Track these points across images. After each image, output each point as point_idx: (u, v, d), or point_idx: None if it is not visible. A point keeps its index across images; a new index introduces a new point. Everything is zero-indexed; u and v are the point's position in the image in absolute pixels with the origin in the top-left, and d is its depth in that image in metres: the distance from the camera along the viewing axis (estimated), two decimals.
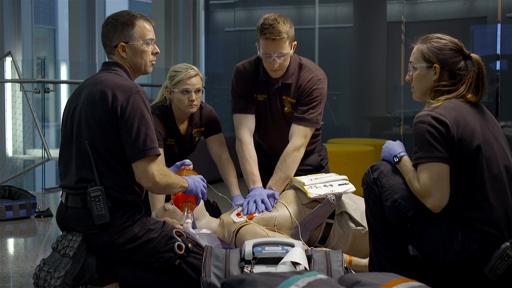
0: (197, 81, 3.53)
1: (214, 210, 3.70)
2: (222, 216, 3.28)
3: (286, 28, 3.32)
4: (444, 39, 2.63)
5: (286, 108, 3.53)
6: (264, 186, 3.42)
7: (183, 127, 3.68)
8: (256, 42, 3.43)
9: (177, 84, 3.51)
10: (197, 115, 3.70)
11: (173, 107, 3.61)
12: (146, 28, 2.80)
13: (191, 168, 3.04)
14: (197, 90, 3.53)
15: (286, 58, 3.39)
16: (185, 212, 2.95)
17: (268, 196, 3.27)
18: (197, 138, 3.78)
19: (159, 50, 2.86)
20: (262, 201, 3.23)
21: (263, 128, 3.68)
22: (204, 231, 3.12)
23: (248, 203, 3.24)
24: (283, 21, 3.33)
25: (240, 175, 3.59)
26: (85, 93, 2.72)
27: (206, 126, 3.75)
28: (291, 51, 3.43)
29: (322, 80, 3.51)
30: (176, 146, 3.67)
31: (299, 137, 3.44)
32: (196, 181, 2.88)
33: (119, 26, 2.76)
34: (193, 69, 3.54)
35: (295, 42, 3.44)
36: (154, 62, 2.87)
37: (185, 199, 2.91)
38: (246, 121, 3.56)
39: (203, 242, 3.07)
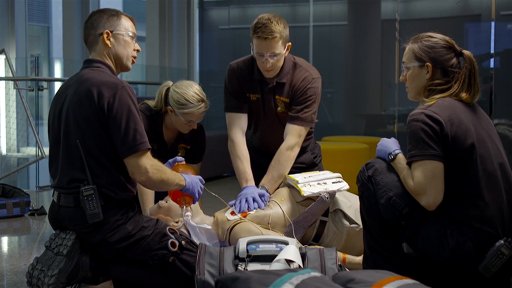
0: (203, 113, 3.44)
1: None
2: (216, 213, 3.28)
3: (280, 28, 3.30)
4: (434, 37, 2.63)
5: (279, 108, 3.53)
6: (257, 182, 3.42)
7: (170, 135, 3.58)
8: (251, 42, 3.42)
9: (185, 114, 3.38)
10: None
11: (168, 118, 3.51)
12: (129, 24, 2.85)
13: (184, 163, 3.04)
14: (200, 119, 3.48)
15: (279, 59, 3.38)
16: (184, 206, 2.95)
17: (260, 196, 3.27)
18: (179, 154, 3.62)
19: (139, 48, 2.89)
20: (254, 200, 3.23)
21: (255, 127, 3.67)
22: (205, 226, 3.12)
23: (240, 202, 3.24)
24: (277, 21, 3.32)
25: (233, 173, 3.55)
26: (70, 93, 2.70)
27: (192, 147, 3.65)
28: (285, 52, 3.41)
29: (316, 79, 3.51)
30: (157, 152, 3.49)
31: (293, 136, 3.43)
32: (194, 181, 2.88)
33: (105, 16, 2.80)
34: (204, 101, 3.41)
35: (289, 43, 3.42)
36: (135, 58, 2.89)
37: (183, 192, 2.91)
38: (239, 120, 3.55)
39: (202, 237, 3.07)
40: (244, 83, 3.55)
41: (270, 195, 3.37)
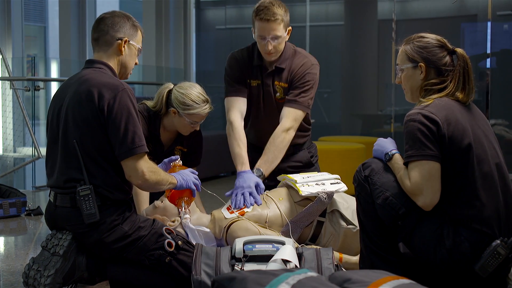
0: (207, 113, 3.44)
1: None
2: (214, 212, 3.27)
3: (281, 11, 3.37)
4: (426, 37, 2.64)
5: (278, 94, 3.55)
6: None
7: (168, 137, 3.57)
8: (252, 27, 3.46)
9: (190, 115, 3.38)
10: None
11: (167, 120, 3.50)
12: (141, 39, 2.89)
13: (180, 163, 3.03)
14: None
15: (280, 42, 3.43)
16: (183, 208, 2.94)
17: (255, 186, 3.26)
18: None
19: (137, 62, 2.93)
20: (251, 194, 3.22)
21: (254, 116, 3.66)
22: (203, 228, 3.12)
23: (236, 196, 3.23)
24: (278, 4, 3.39)
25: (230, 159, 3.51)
26: (70, 92, 2.69)
27: (189, 150, 3.64)
28: (286, 36, 3.47)
29: (315, 66, 3.56)
30: (153, 154, 3.45)
31: (289, 119, 3.44)
32: (185, 175, 2.88)
33: (128, 23, 2.81)
34: (208, 101, 3.42)
35: (290, 28, 3.49)
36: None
37: (180, 194, 2.91)
38: (238, 103, 3.55)
39: (200, 240, 3.06)
40: (245, 69, 3.58)
41: (266, 179, 3.36)
